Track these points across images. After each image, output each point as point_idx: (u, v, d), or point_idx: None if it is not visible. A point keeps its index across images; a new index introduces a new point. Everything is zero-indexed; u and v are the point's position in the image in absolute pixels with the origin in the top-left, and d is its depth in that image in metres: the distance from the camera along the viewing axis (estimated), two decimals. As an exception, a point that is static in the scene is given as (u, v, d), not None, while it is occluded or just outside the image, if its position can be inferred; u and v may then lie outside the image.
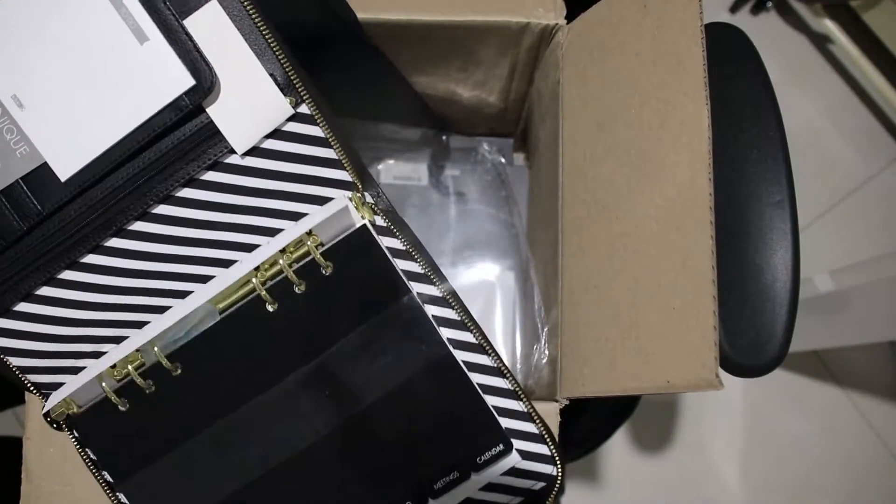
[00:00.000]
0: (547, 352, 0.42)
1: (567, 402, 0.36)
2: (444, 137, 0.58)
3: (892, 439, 0.87)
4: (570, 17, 0.40)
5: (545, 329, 0.43)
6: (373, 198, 0.35)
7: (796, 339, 0.33)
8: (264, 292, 0.33)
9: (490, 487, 0.34)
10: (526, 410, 0.34)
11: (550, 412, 0.35)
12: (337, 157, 0.33)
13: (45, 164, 0.30)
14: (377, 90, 0.50)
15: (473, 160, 0.58)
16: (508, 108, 0.53)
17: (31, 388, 0.34)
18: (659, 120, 0.31)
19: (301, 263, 0.33)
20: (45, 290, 0.33)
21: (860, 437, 0.88)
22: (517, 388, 0.34)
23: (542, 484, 0.34)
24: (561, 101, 0.40)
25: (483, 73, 0.47)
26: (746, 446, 0.87)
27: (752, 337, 0.33)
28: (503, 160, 0.58)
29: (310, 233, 0.33)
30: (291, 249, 0.33)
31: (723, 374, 0.27)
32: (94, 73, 0.30)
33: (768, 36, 1.01)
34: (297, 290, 0.33)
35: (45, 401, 0.34)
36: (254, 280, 0.32)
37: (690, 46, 0.30)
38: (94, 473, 0.34)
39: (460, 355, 0.34)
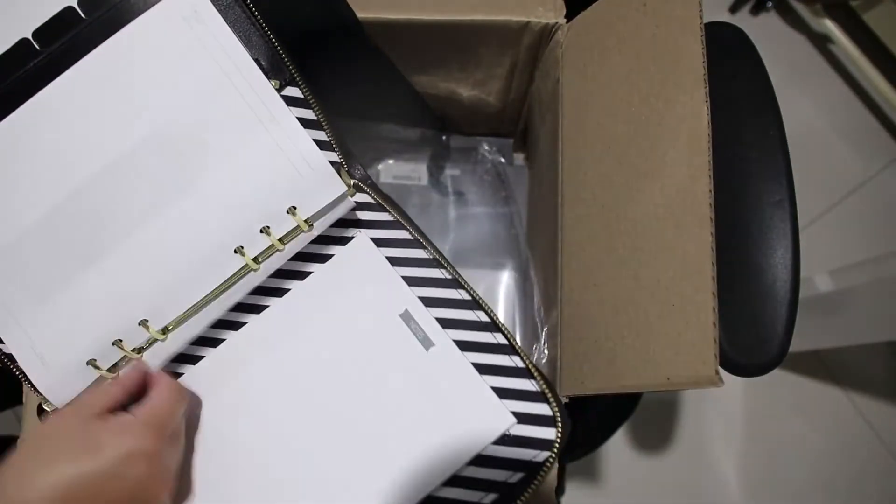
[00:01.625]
0: (546, 351, 0.42)
1: (567, 401, 0.36)
2: (444, 137, 0.58)
3: (892, 439, 0.87)
4: (570, 16, 0.40)
5: (545, 328, 0.43)
6: (359, 178, 0.36)
7: (796, 339, 0.33)
8: None
9: (481, 461, 0.31)
10: (523, 366, 0.32)
11: (550, 411, 0.35)
12: (327, 139, 0.34)
13: None
14: (377, 90, 0.50)
15: (473, 160, 0.58)
16: (508, 108, 0.53)
17: (19, 375, 0.34)
18: (658, 118, 0.31)
19: None
20: None
21: (860, 437, 0.88)
22: (513, 342, 0.33)
23: (545, 454, 0.31)
24: (561, 100, 0.40)
25: (483, 73, 0.47)
26: (746, 446, 0.87)
27: (752, 336, 0.33)
28: (503, 160, 0.58)
29: None
30: None
31: (723, 373, 0.27)
32: None
33: (768, 36, 1.01)
34: None
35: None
36: None
37: (690, 44, 0.30)
38: None
39: (453, 313, 0.34)
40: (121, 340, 0.33)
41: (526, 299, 0.53)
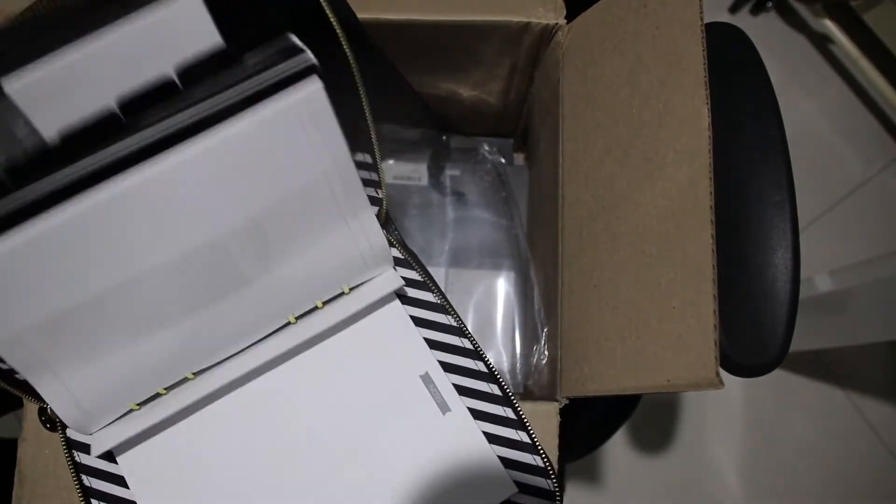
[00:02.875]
0: (546, 352, 0.42)
1: (567, 402, 0.36)
2: (444, 137, 0.58)
3: (892, 439, 0.87)
4: (571, 17, 0.40)
5: (545, 330, 0.43)
6: (390, 232, 0.37)
7: (796, 339, 0.33)
8: None
9: None
10: (529, 441, 0.34)
11: (550, 412, 0.35)
12: (379, 196, 0.37)
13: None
14: (377, 90, 0.49)
15: (473, 160, 0.58)
16: (508, 108, 0.53)
17: (17, 391, 0.34)
18: (659, 119, 0.31)
19: None
20: None
21: (860, 437, 0.88)
22: (521, 418, 0.34)
23: None
24: (561, 100, 0.40)
25: (483, 73, 0.47)
26: (746, 446, 0.87)
27: (752, 336, 0.33)
28: (503, 160, 0.58)
29: None
30: None
31: (723, 373, 0.27)
32: None
33: (768, 36, 1.01)
34: None
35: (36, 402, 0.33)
36: None
37: (690, 45, 0.30)
38: (73, 478, 0.34)
39: (469, 382, 0.35)
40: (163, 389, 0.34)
41: (526, 300, 0.53)
